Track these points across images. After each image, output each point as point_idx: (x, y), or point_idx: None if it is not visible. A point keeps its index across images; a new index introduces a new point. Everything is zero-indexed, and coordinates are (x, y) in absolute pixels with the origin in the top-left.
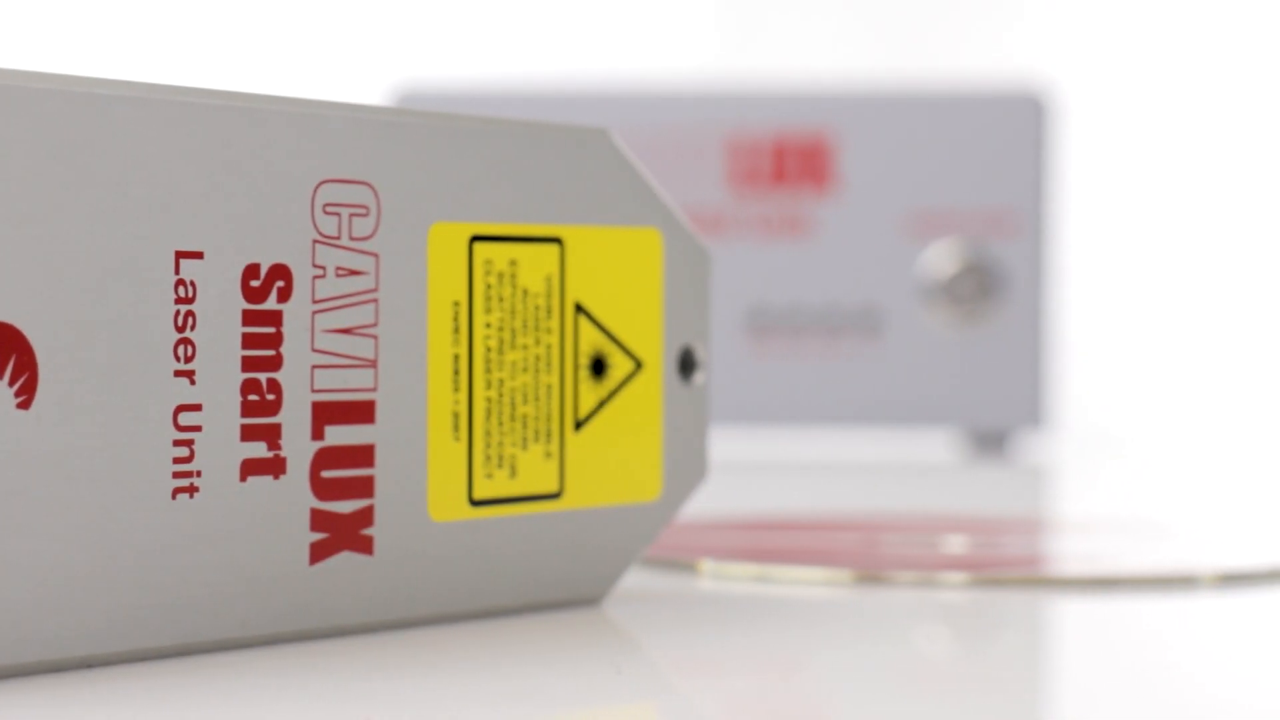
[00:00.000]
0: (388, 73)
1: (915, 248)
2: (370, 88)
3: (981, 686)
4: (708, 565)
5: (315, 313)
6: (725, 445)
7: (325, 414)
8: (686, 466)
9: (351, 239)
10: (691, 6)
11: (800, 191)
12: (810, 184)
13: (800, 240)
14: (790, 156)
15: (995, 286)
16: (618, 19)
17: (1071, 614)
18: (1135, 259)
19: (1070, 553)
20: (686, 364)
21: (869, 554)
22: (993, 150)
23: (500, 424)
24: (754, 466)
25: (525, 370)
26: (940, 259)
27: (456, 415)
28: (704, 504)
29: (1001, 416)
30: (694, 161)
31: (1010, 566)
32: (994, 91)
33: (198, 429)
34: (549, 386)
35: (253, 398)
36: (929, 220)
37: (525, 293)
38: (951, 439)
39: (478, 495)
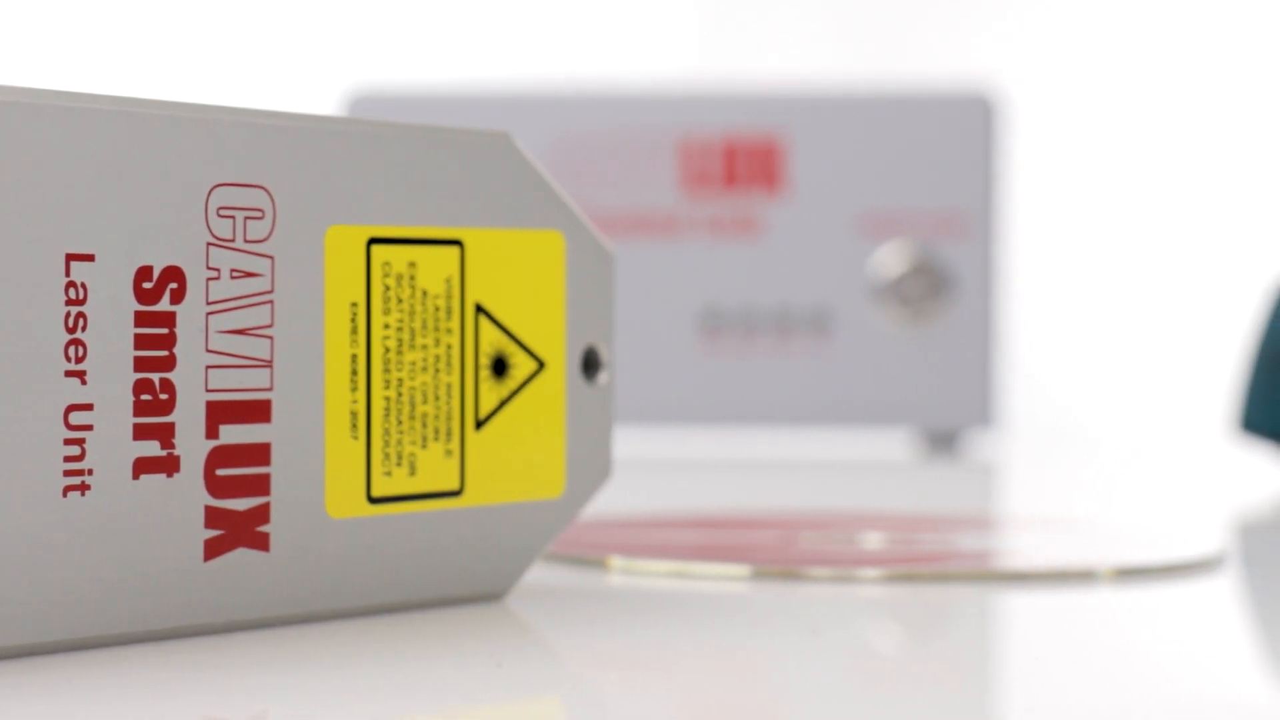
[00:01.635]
0: (341, 78)
1: (866, 248)
2: (324, 93)
3: (873, 679)
4: (617, 562)
5: (209, 314)
6: (676, 445)
7: (220, 413)
8: (590, 465)
9: (246, 241)
10: (647, 11)
11: (752, 193)
12: (761, 186)
13: (752, 241)
14: (742, 158)
15: (944, 287)
16: (574, 23)
17: (974, 608)
18: (1079, 259)
19: (983, 549)
20: (590, 364)
21: (784, 550)
22: (942, 151)
23: (399, 423)
24: (704, 466)
25: (425, 370)
26: (890, 259)
27: (354, 414)
28: (641, 502)
29: (951, 416)
30: (647, 164)
31: (922, 562)
32: (943, 93)
33: (89, 428)
34: (449, 386)
35: (145, 397)
36: (879, 221)
37: (424, 294)
38: (906, 438)
39: (376, 493)
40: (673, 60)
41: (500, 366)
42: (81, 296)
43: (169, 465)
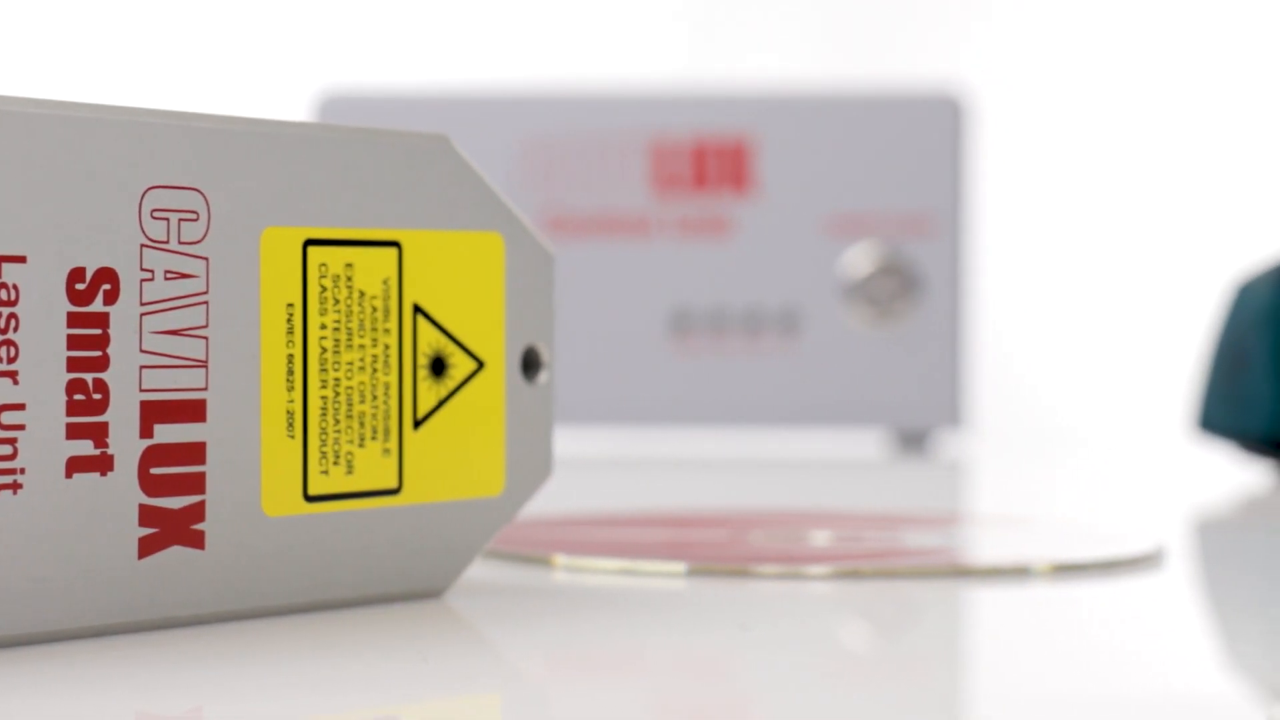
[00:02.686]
0: (311, 81)
1: (835, 249)
2: (294, 96)
3: (799, 673)
4: (561, 560)
5: (143, 314)
6: (647, 446)
7: (154, 413)
8: (531, 464)
9: (181, 243)
10: (617, 14)
11: (721, 194)
12: (731, 187)
13: (721, 242)
14: (711, 160)
15: (913, 287)
16: (543, 25)
17: (907, 603)
18: (1047, 259)
19: (928, 546)
20: (530, 364)
21: (730, 548)
22: (911, 152)
23: (336, 422)
24: (673, 465)
25: (362, 370)
26: (859, 260)
27: (291, 414)
28: (605, 501)
29: (920, 416)
30: (617, 165)
31: (866, 559)
32: (911, 94)
33: (21, 427)
34: (387, 386)
35: (78, 397)
36: (848, 221)
37: (362, 294)
38: (879, 438)
39: (313, 491)
40: (643, 62)
41: (439, 366)
42: (13, 298)
43: (102, 464)
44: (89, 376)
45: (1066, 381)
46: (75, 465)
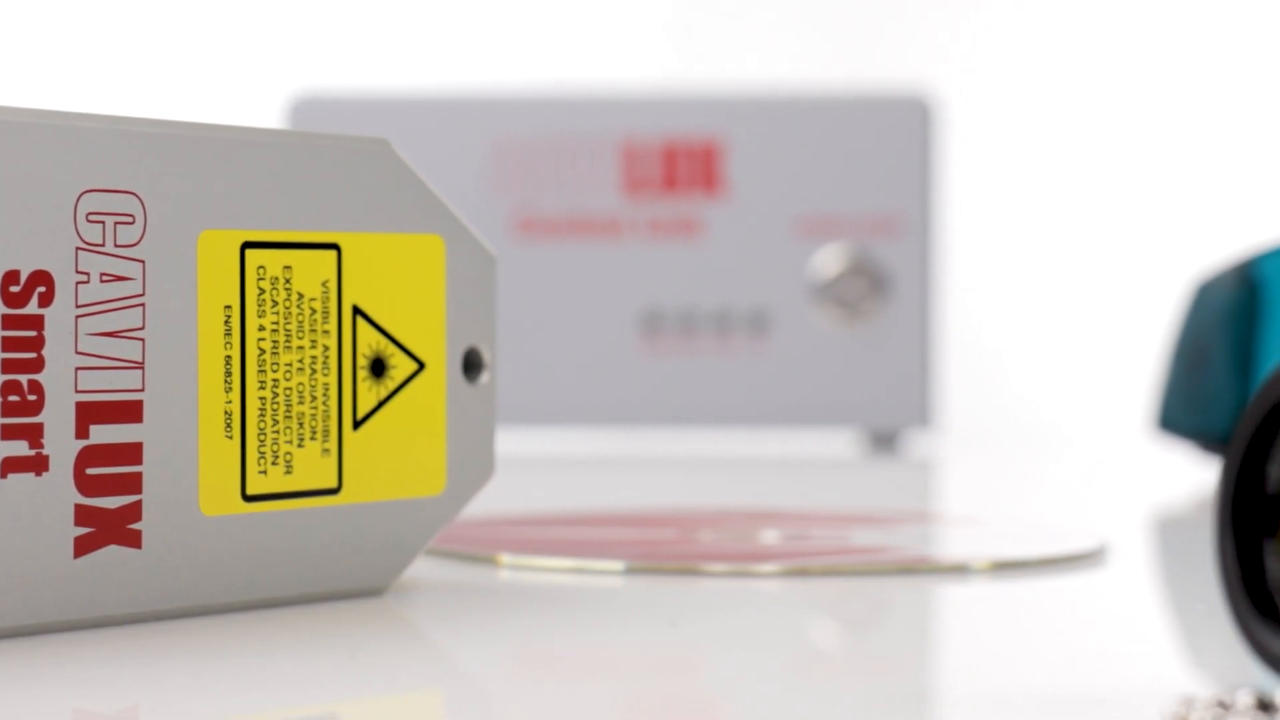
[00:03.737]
0: (282, 84)
1: (804, 250)
2: (265, 99)
3: (725, 670)
4: (506, 558)
5: (79, 317)
6: (616, 445)
7: (90, 413)
8: (472, 464)
9: (117, 246)
10: (589, 17)
11: (691, 196)
12: (701, 188)
13: (692, 243)
14: (681, 161)
15: (882, 288)
16: (515, 28)
17: (840, 599)
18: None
19: (872, 544)
20: (471, 365)
21: (677, 547)
22: (880, 153)
23: (275, 422)
24: (645, 465)
25: (301, 371)
26: (828, 261)
27: (229, 414)
28: (563, 500)
29: (890, 417)
30: (588, 167)
31: (809, 557)
32: (880, 96)
33: None
34: (326, 386)
35: (13, 398)
36: (817, 222)
37: (300, 296)
38: (852, 437)
39: (251, 491)
40: (614, 64)
41: (379, 367)
42: None
43: (38, 464)
44: (24, 378)
45: (1033, 381)
46: (10, 465)
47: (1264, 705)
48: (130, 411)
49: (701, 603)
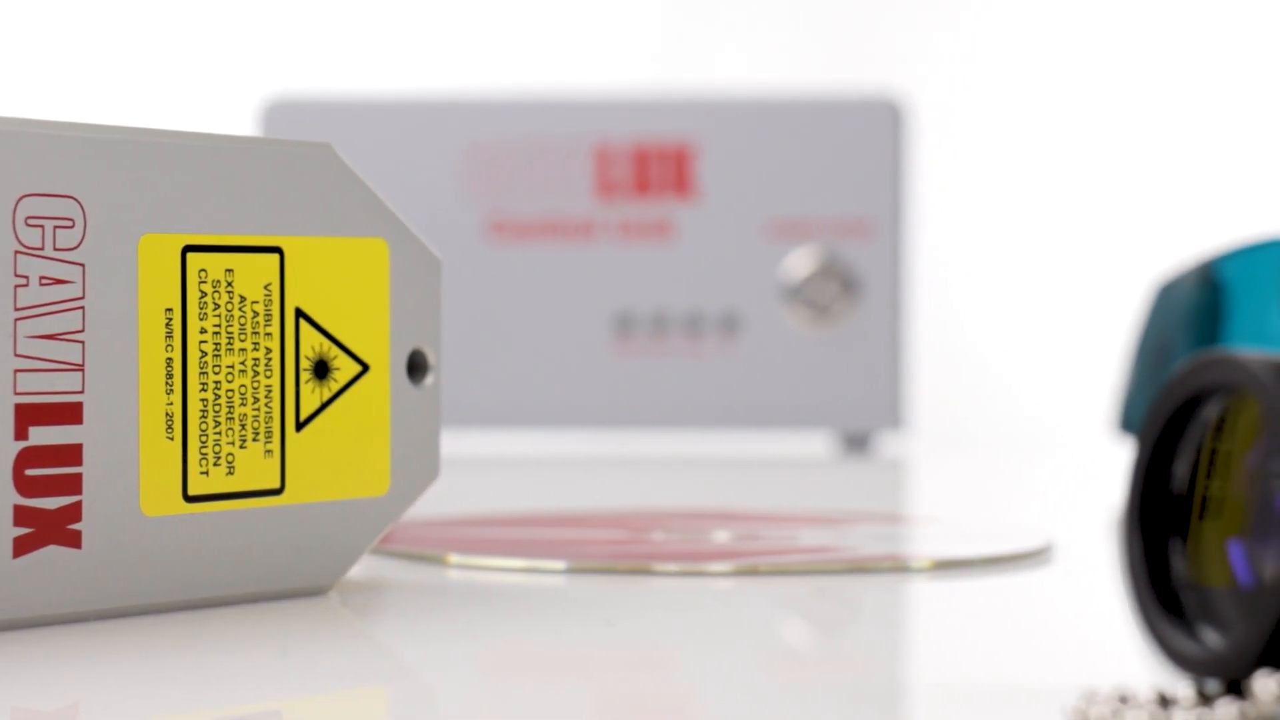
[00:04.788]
0: (255, 87)
1: (776, 252)
2: (238, 103)
3: (648, 667)
4: (454, 558)
5: (18, 320)
6: (588, 447)
7: (29, 415)
8: (417, 465)
9: (56, 250)
10: (560, 21)
11: (663, 198)
12: (673, 191)
13: (663, 246)
14: (653, 164)
15: (852, 290)
16: (487, 31)
17: (779, 597)
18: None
19: (818, 544)
20: (416, 367)
21: (628, 547)
22: (851, 156)
23: (217, 424)
24: (610, 466)
25: (244, 373)
26: (799, 263)
27: (170, 416)
28: (528, 501)
29: (861, 418)
30: (560, 170)
31: (753, 557)
32: (850, 98)
33: None
34: (269, 388)
35: None
36: (789, 225)
37: (242, 299)
38: (826, 439)
39: (193, 491)
40: (586, 68)
41: (322, 369)
42: None
43: None
44: None
45: (1002, 382)
46: None
47: (1164, 700)
48: (70, 413)
49: (643, 601)
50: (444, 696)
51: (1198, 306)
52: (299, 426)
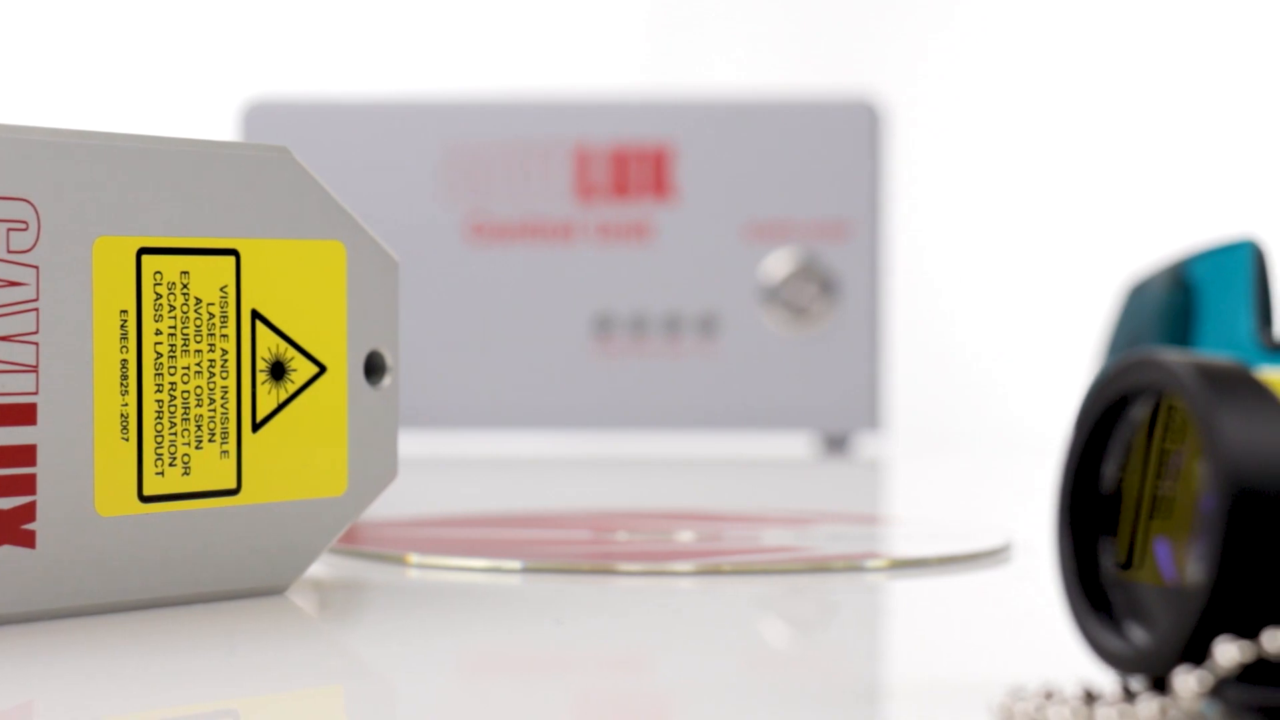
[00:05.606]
0: (237, 89)
1: (754, 253)
2: (220, 105)
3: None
4: (415, 558)
5: None
6: (568, 448)
7: None
8: (375, 465)
9: (10, 252)
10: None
11: (642, 200)
12: (651, 193)
13: (642, 247)
14: (632, 166)
15: (830, 291)
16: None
17: (730, 597)
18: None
19: (780, 544)
20: (373, 368)
21: (590, 547)
22: (828, 157)
23: (172, 425)
24: (589, 467)
25: (199, 374)
26: (777, 264)
27: (125, 417)
28: (502, 502)
29: (839, 420)
30: (540, 172)
31: (720, 557)
32: (828, 100)
33: None
34: (225, 389)
35: None
36: (767, 226)
37: (198, 301)
38: (808, 440)
39: (148, 492)
40: (565, 70)
41: (278, 370)
42: None
43: None
44: None
45: (979, 383)
46: None
47: (1090, 696)
48: (24, 414)
49: (604, 601)
50: (402, 695)
51: (1169, 307)
52: (255, 427)
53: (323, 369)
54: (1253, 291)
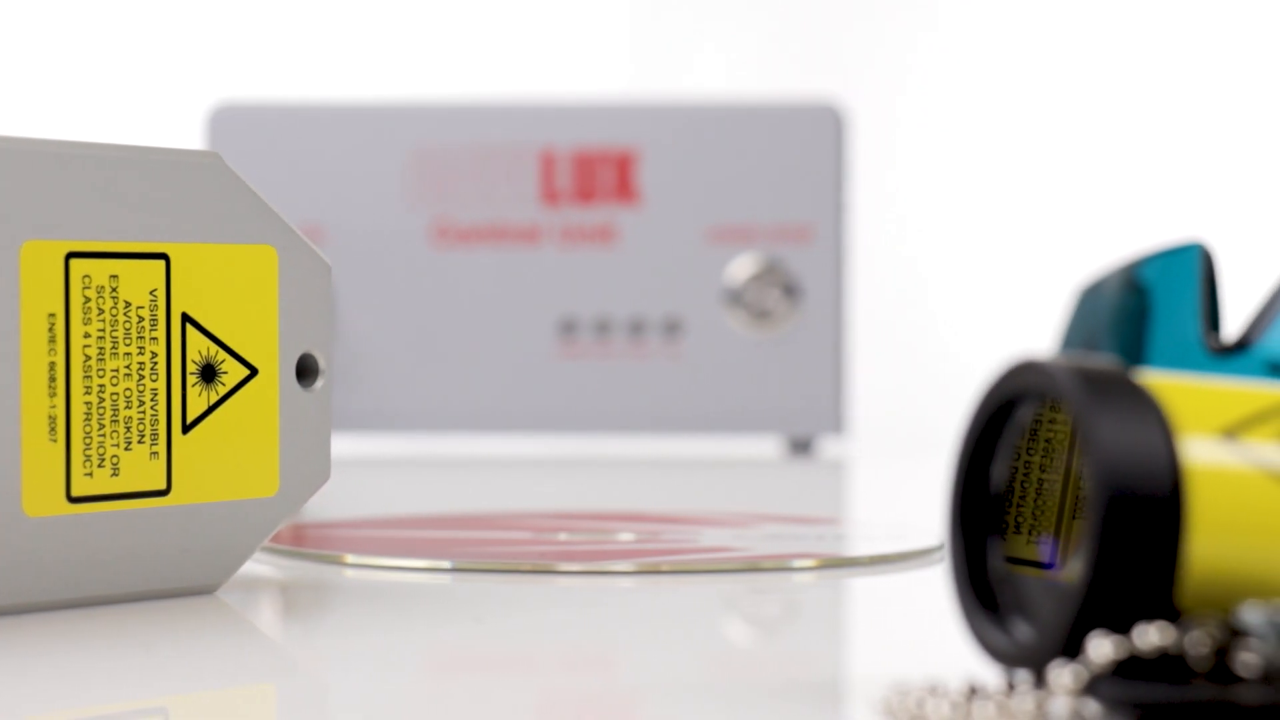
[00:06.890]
0: (202, 93)
1: (718, 257)
2: (185, 108)
3: (517, 664)
4: (351, 558)
5: None
6: (531, 450)
7: None
8: (307, 467)
9: None
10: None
11: (607, 204)
12: (616, 197)
13: (607, 251)
14: (597, 170)
15: (794, 295)
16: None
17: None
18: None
19: (715, 544)
20: (305, 370)
21: (529, 547)
22: (792, 161)
23: (101, 426)
24: (553, 468)
25: (129, 376)
26: (741, 268)
27: (53, 418)
28: (459, 504)
29: (803, 423)
30: (505, 175)
31: (659, 557)
32: (792, 104)
33: None
34: (154, 392)
35: None
36: (731, 230)
37: (127, 305)
38: (773, 443)
39: (76, 493)
40: (531, 75)
41: (209, 373)
42: None
43: None
44: None
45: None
46: None
47: (973, 691)
48: None
49: (524, 599)
50: (334, 692)
51: (1123, 310)
52: (186, 429)
53: (254, 371)
54: (1199, 295)
